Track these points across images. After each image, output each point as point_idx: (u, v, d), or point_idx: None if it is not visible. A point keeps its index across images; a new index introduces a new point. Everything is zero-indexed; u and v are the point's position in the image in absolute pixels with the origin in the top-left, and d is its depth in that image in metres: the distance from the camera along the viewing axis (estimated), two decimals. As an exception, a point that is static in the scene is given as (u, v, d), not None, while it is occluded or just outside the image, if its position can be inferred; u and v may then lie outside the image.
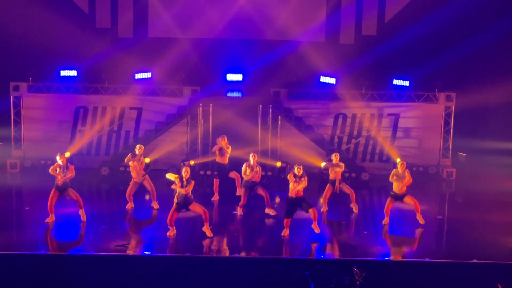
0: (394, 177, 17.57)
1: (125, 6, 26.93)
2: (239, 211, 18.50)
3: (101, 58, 25.02)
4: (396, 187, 17.59)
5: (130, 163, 18.60)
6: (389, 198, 17.76)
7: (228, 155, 19.79)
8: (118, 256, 15.00)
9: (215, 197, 19.98)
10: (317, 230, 16.58)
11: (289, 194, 16.52)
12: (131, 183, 18.81)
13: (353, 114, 24.80)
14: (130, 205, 18.94)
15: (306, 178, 16.49)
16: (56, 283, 14.32)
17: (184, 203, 16.10)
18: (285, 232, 16.59)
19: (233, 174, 19.88)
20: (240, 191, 19.46)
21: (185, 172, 15.93)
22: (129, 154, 18.67)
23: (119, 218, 18.44)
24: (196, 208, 16.25)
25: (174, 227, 16.40)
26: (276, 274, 14.62)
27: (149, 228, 17.82)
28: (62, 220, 17.20)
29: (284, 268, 14.71)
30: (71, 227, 16.96)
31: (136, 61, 25.11)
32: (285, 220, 16.64)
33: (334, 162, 18.86)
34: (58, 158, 17.16)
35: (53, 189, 17.09)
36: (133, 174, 18.75)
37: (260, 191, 18.36)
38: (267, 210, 18.40)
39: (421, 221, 17.58)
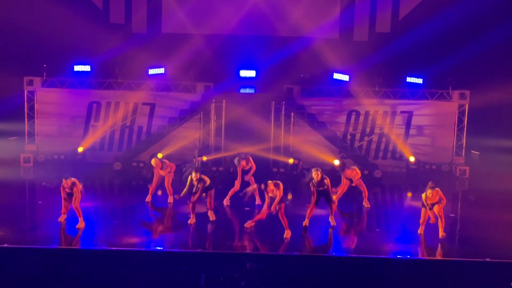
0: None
1: (139, 2, 26.99)
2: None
3: (115, 53, 25.09)
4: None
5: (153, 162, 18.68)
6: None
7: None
8: (130, 251, 15.03)
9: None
10: (333, 222, 16.98)
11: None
12: (155, 174, 18.88)
13: (366, 111, 24.75)
14: (149, 198, 19.08)
15: (327, 180, 16.64)
16: (68, 277, 14.36)
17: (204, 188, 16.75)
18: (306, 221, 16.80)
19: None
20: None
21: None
22: (155, 160, 18.83)
23: (131, 213, 18.49)
24: (209, 197, 17.00)
25: (194, 215, 16.99)
26: (290, 270, 14.65)
27: (161, 224, 17.85)
28: (75, 215, 17.22)
29: (299, 265, 14.76)
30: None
31: (150, 57, 25.15)
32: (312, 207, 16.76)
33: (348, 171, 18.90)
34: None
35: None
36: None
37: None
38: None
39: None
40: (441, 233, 16.29)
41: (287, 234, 16.07)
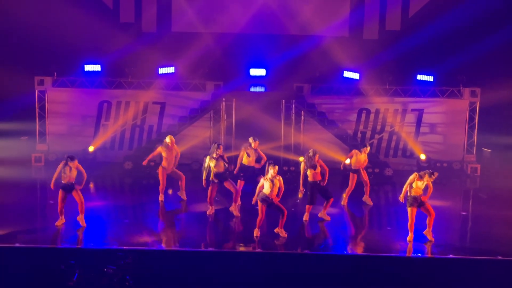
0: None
1: (149, 0, 26.96)
2: (256, 232, 16.13)
3: (125, 52, 25.07)
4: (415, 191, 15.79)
5: (160, 149, 18.74)
6: (410, 208, 15.84)
7: (255, 157, 18.97)
8: (140, 250, 15.07)
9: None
10: (326, 218, 17.42)
11: (309, 179, 17.19)
12: (160, 174, 18.90)
13: (376, 110, 24.70)
14: (161, 197, 19.11)
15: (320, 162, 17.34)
16: (79, 276, 14.40)
17: (220, 179, 17.38)
18: (306, 217, 17.37)
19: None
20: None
21: (218, 150, 17.45)
22: (159, 147, 18.97)
23: (142, 212, 18.53)
24: (230, 186, 17.58)
25: (213, 207, 17.73)
26: (299, 269, 14.66)
27: (172, 223, 17.88)
28: (85, 214, 17.25)
29: (310, 263, 14.77)
30: (94, 221, 16.99)
31: (160, 56, 25.15)
32: (307, 206, 17.28)
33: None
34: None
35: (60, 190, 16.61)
36: (164, 163, 18.84)
37: (280, 208, 15.99)
38: (277, 230, 16.21)
39: (429, 237, 16.02)
40: (429, 235, 16.00)
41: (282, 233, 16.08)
